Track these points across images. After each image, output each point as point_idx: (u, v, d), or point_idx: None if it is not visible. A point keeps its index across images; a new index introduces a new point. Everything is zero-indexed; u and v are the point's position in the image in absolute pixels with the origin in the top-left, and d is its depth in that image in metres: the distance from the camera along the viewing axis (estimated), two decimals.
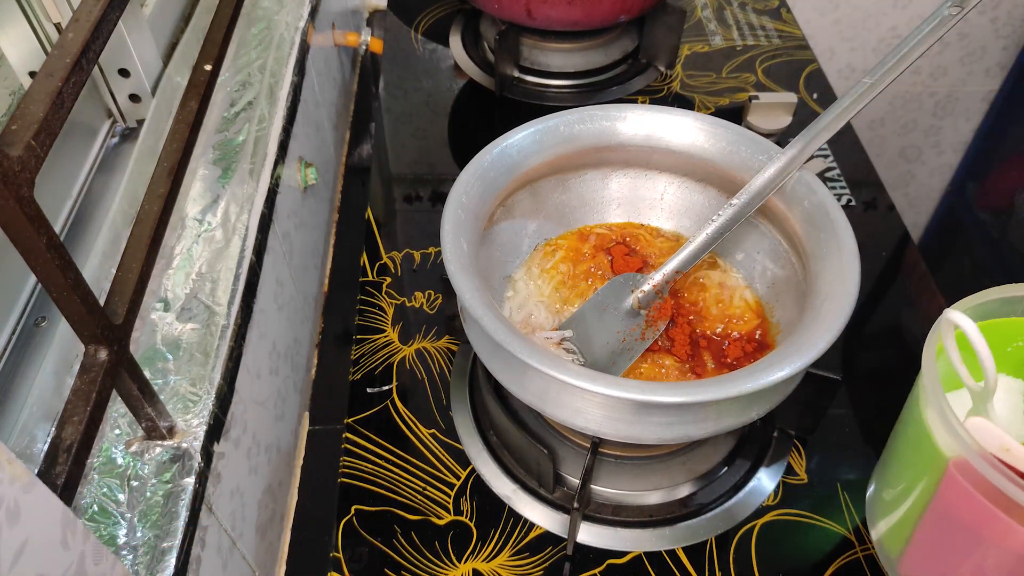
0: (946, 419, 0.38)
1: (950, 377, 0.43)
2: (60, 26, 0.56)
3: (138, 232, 0.42)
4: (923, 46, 0.51)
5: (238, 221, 0.54)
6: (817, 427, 0.61)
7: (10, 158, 0.30)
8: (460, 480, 0.60)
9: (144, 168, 0.58)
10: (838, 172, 0.84)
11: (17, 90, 0.57)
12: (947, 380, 0.45)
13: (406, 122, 0.92)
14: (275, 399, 0.59)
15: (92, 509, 0.40)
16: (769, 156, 0.57)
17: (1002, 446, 0.37)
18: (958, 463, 0.37)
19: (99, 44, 0.38)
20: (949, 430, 0.37)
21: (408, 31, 1.04)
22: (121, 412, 0.44)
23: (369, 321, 0.71)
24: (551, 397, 0.50)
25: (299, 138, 0.70)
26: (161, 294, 0.50)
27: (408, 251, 0.77)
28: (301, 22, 0.72)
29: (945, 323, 0.41)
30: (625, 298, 0.58)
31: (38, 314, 0.51)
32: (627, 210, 0.67)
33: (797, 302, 0.57)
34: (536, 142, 0.60)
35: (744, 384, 0.45)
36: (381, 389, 0.66)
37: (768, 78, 0.96)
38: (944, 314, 0.41)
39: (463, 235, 0.53)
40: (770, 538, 0.57)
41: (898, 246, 0.78)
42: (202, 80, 0.52)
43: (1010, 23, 1.41)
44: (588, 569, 0.55)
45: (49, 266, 0.32)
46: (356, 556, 0.56)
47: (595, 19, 0.87)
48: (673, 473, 0.59)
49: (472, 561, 0.56)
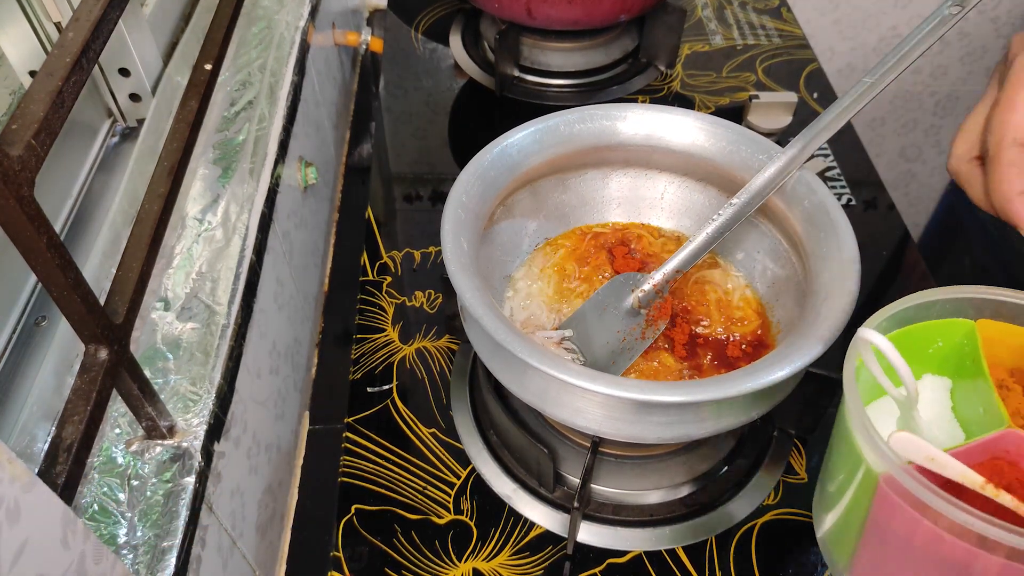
0: (870, 437, 0.38)
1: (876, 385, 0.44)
2: (60, 25, 0.56)
3: (138, 231, 0.42)
4: (923, 45, 0.51)
5: (238, 220, 0.54)
6: (817, 426, 0.61)
7: (10, 157, 0.30)
8: (460, 479, 0.60)
9: (144, 167, 0.58)
10: (838, 171, 0.83)
11: (17, 89, 0.57)
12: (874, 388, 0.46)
13: (406, 122, 0.92)
14: (275, 398, 0.59)
15: (92, 508, 0.40)
16: (769, 155, 0.57)
17: (927, 456, 0.38)
18: (887, 478, 0.38)
19: (99, 43, 0.38)
20: (874, 447, 0.38)
21: (408, 30, 1.04)
22: (121, 411, 0.44)
23: (369, 320, 0.71)
24: (551, 397, 0.50)
25: (299, 137, 0.70)
26: (161, 293, 0.50)
27: (408, 250, 0.77)
28: (301, 21, 0.72)
29: (861, 341, 0.42)
30: (625, 297, 0.58)
31: (38, 313, 0.51)
32: (627, 210, 0.67)
33: (797, 301, 0.57)
34: (536, 141, 0.60)
35: (744, 384, 0.45)
36: (381, 388, 0.66)
37: (768, 77, 0.96)
38: (859, 332, 0.42)
39: (463, 234, 0.53)
40: (770, 537, 0.57)
41: (898, 246, 0.78)
42: (202, 79, 0.52)
43: (1010, 22, 1.41)
44: (588, 568, 0.55)
45: (49, 265, 0.32)
46: (356, 555, 0.56)
47: (595, 18, 0.87)
48: (673, 472, 0.59)
49: (472, 560, 0.56)
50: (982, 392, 0.43)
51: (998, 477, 0.39)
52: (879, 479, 0.39)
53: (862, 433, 0.39)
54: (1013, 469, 0.40)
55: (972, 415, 0.45)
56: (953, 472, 0.38)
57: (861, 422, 0.39)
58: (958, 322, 0.45)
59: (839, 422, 0.44)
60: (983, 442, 0.40)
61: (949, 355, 0.46)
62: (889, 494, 0.38)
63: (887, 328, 0.44)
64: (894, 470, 0.37)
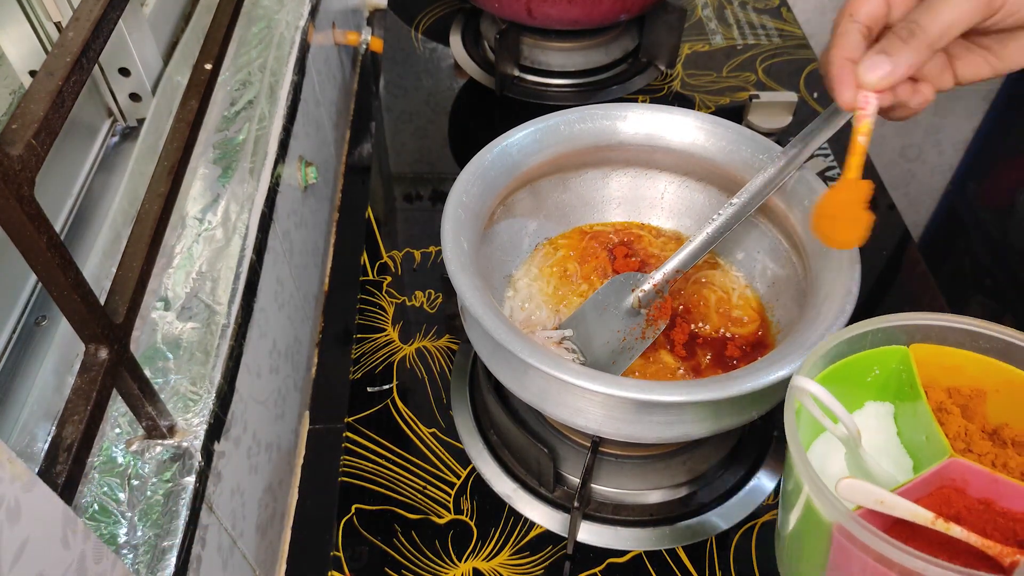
0: (817, 488, 0.39)
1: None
2: (60, 25, 0.56)
3: (138, 231, 0.42)
4: None
5: (238, 220, 0.54)
6: None
7: (11, 157, 0.30)
8: (460, 479, 0.60)
9: (144, 167, 0.58)
10: (839, 171, 0.83)
11: (17, 89, 0.57)
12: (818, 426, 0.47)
13: (406, 121, 0.92)
14: (275, 398, 0.59)
15: (92, 508, 0.40)
16: (770, 155, 0.57)
17: (876, 500, 0.38)
18: (840, 528, 0.38)
19: (99, 43, 0.38)
20: (822, 498, 0.39)
21: (408, 30, 1.04)
22: (121, 411, 0.44)
23: (369, 320, 0.71)
24: (551, 396, 0.50)
25: (299, 137, 0.70)
26: (161, 293, 0.50)
27: (408, 250, 0.77)
28: (301, 21, 0.72)
29: (797, 390, 0.42)
30: (625, 297, 0.58)
31: (38, 313, 0.51)
32: (627, 209, 0.67)
33: (797, 301, 0.57)
34: (536, 141, 0.60)
35: (744, 383, 0.45)
36: (381, 388, 0.66)
37: (768, 77, 0.96)
38: (793, 381, 0.42)
39: (463, 234, 0.53)
40: (770, 537, 0.57)
41: (898, 245, 0.78)
42: (202, 79, 0.52)
43: None
44: (588, 568, 0.55)
45: (49, 265, 0.32)
46: (356, 555, 0.56)
47: (595, 18, 0.87)
48: (673, 472, 0.59)
49: (472, 560, 0.56)
50: (922, 417, 0.44)
51: (947, 507, 0.40)
52: (832, 528, 0.39)
53: (809, 484, 0.39)
54: (960, 496, 0.41)
55: (917, 440, 0.45)
56: (903, 512, 0.38)
57: (808, 474, 0.39)
58: (892, 349, 0.46)
59: (787, 471, 0.45)
60: (928, 475, 0.41)
61: (888, 381, 0.47)
62: (844, 543, 0.38)
63: (822, 365, 0.45)
64: (843, 520, 0.37)
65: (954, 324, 0.45)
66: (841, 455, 0.46)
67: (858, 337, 0.45)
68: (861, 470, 0.45)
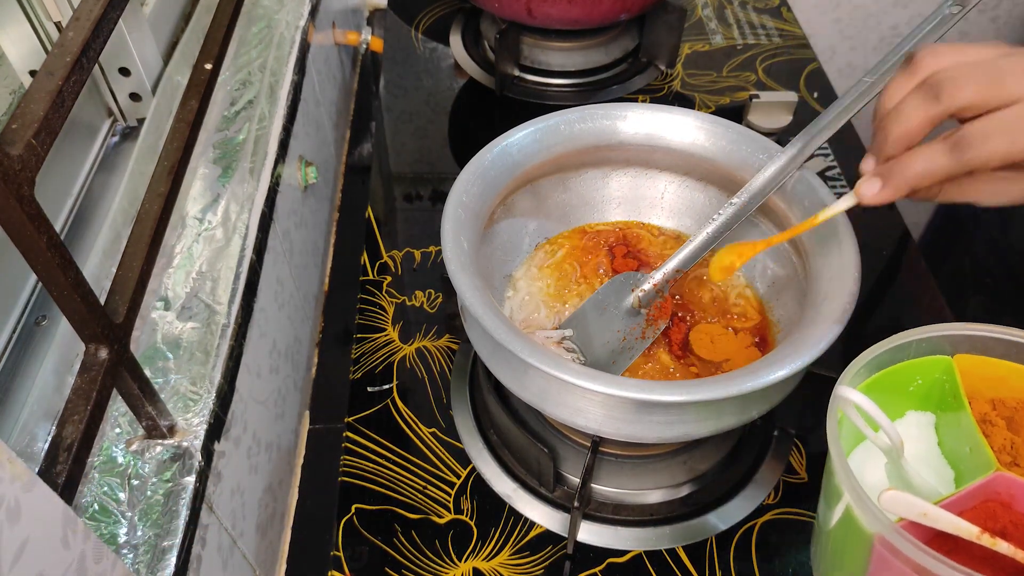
0: (860, 499, 0.39)
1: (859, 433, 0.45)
2: (60, 25, 0.56)
3: (138, 231, 0.42)
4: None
5: (238, 220, 0.54)
6: (817, 426, 0.61)
7: (11, 157, 0.30)
8: (460, 479, 0.60)
9: (144, 167, 0.58)
10: (839, 171, 0.83)
11: (17, 89, 0.57)
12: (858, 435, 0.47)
13: (406, 121, 0.92)
14: (275, 398, 0.59)
15: (93, 508, 0.40)
16: (770, 155, 0.57)
17: (919, 512, 0.38)
18: (882, 539, 0.38)
19: (99, 43, 0.38)
20: (864, 509, 0.38)
21: (408, 30, 1.04)
22: (122, 411, 0.44)
23: (369, 320, 0.71)
24: (551, 396, 0.50)
25: (299, 137, 0.70)
26: (161, 293, 0.50)
27: (408, 250, 0.77)
28: (301, 21, 0.72)
29: (841, 400, 0.42)
30: (625, 297, 0.58)
31: (38, 313, 0.51)
32: (628, 209, 0.67)
33: (797, 301, 0.57)
34: (536, 141, 0.60)
35: (744, 383, 0.45)
36: (381, 388, 0.66)
37: (769, 77, 0.96)
38: (836, 390, 0.42)
39: (463, 234, 0.53)
40: (770, 537, 0.57)
41: (899, 245, 0.78)
42: (202, 79, 0.52)
43: (1010, 22, 1.41)
44: (588, 568, 0.55)
45: (49, 265, 0.32)
46: (357, 555, 0.56)
47: (595, 18, 0.87)
48: (673, 472, 0.59)
49: (472, 560, 0.56)
50: (966, 427, 0.43)
51: (992, 521, 0.40)
52: (874, 539, 0.39)
53: (852, 494, 0.39)
54: (1007, 511, 0.40)
55: (959, 451, 0.45)
56: (947, 525, 0.38)
57: (850, 484, 0.39)
58: (935, 359, 0.46)
59: (828, 478, 0.44)
60: (973, 488, 0.40)
61: (931, 391, 0.47)
62: (885, 554, 0.38)
63: (865, 374, 0.45)
64: (886, 532, 0.37)
65: (999, 335, 0.45)
66: (880, 463, 0.46)
67: (902, 347, 0.45)
68: (902, 480, 0.44)
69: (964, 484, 0.41)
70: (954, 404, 0.45)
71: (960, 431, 0.44)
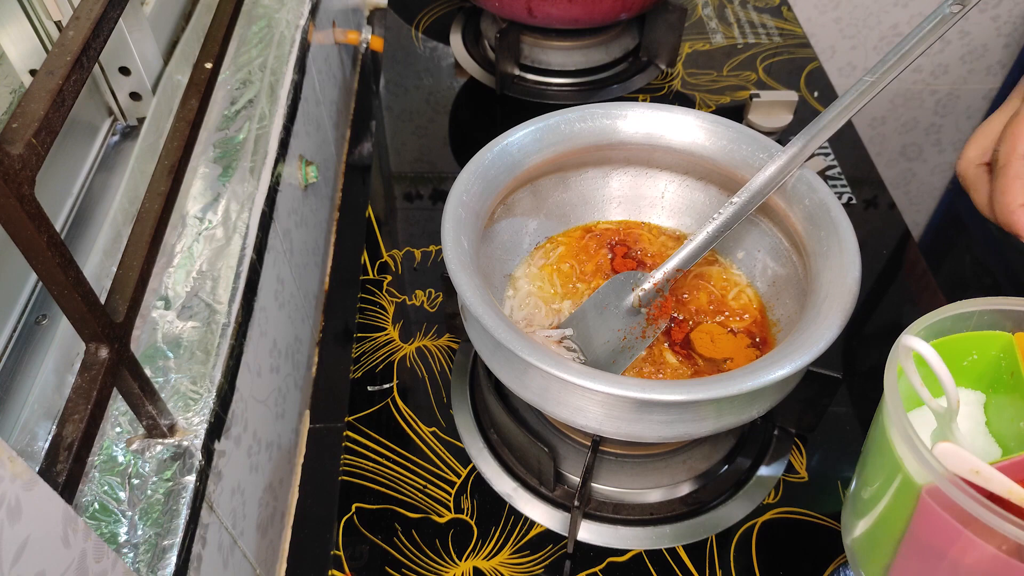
0: (914, 447, 0.38)
1: (911, 396, 0.44)
2: (61, 24, 0.56)
3: (139, 230, 0.42)
4: (924, 44, 0.51)
5: (239, 219, 0.54)
6: (818, 425, 0.61)
7: (11, 156, 0.30)
8: (461, 478, 0.60)
9: (145, 166, 0.58)
10: (839, 170, 0.83)
11: (18, 88, 0.57)
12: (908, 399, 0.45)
13: (407, 120, 0.92)
14: (276, 397, 0.59)
15: (93, 507, 0.40)
16: (770, 154, 0.57)
17: (972, 469, 0.37)
18: (930, 490, 0.37)
19: (100, 42, 0.38)
20: (919, 457, 0.37)
21: (409, 29, 1.04)
22: (122, 410, 0.44)
23: (370, 319, 0.71)
24: (552, 395, 0.50)
25: (300, 136, 0.70)
26: (162, 292, 0.50)
27: (409, 249, 0.77)
28: (302, 20, 0.72)
29: (903, 348, 0.41)
30: (626, 296, 0.58)
31: (39, 312, 0.51)
32: (628, 208, 0.67)
33: (798, 300, 0.57)
34: (537, 140, 0.60)
35: (744, 382, 0.45)
36: (382, 387, 0.66)
37: (769, 76, 0.96)
38: (901, 339, 0.41)
39: (464, 233, 0.53)
40: (771, 536, 0.57)
41: (899, 244, 0.78)
42: (203, 78, 0.52)
43: (1011, 21, 1.41)
44: (589, 567, 0.55)
45: (50, 264, 0.32)
46: (357, 554, 0.56)
47: (596, 17, 0.87)
48: (674, 471, 0.59)
49: (473, 559, 0.56)
50: (1021, 406, 0.42)
51: None
52: (921, 491, 0.38)
53: (906, 442, 0.38)
54: None
55: (1010, 430, 0.44)
56: (999, 486, 0.37)
57: (905, 431, 0.38)
58: (995, 334, 0.44)
59: (876, 430, 0.43)
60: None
61: (985, 369, 0.46)
62: (933, 506, 0.37)
63: (925, 337, 0.43)
64: (940, 482, 0.36)
65: None
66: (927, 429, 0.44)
67: (964, 316, 0.43)
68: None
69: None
70: (1011, 383, 0.43)
71: (1014, 410, 0.43)
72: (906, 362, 0.41)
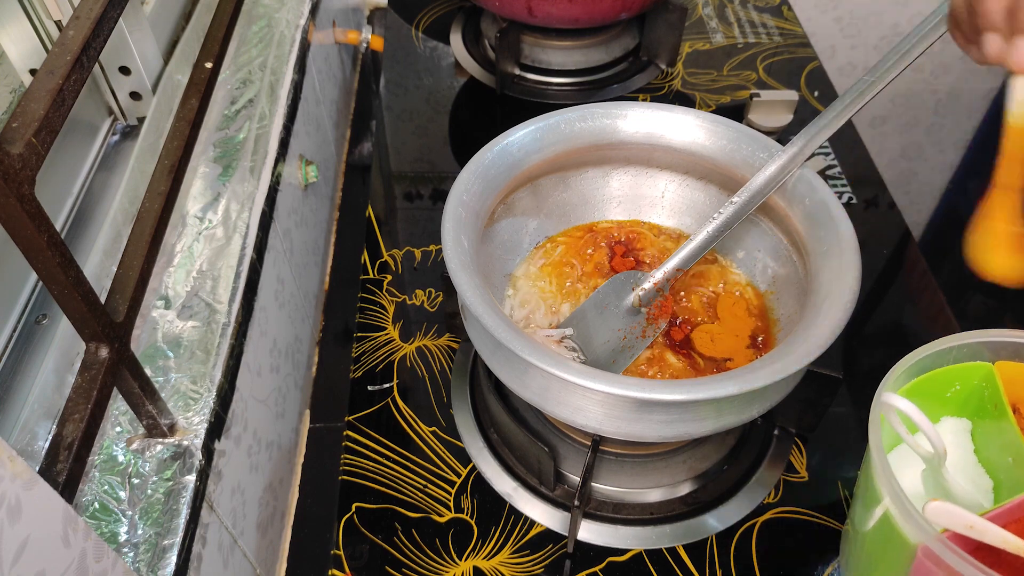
0: (904, 509, 0.38)
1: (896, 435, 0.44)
2: (61, 24, 0.56)
3: (139, 230, 0.42)
4: (924, 43, 0.51)
5: (239, 219, 0.54)
6: (818, 425, 0.61)
7: (11, 156, 0.30)
8: (461, 478, 0.60)
9: (145, 166, 0.58)
10: (839, 170, 0.83)
11: (18, 88, 0.57)
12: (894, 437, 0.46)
13: (407, 120, 0.92)
14: (276, 397, 0.59)
15: (93, 506, 0.40)
16: (770, 154, 0.57)
17: (966, 525, 0.38)
18: (926, 550, 0.38)
19: (100, 42, 0.38)
20: (910, 520, 0.38)
21: (409, 29, 1.04)
22: (122, 410, 0.44)
23: (370, 319, 0.71)
24: (552, 395, 0.50)
25: (300, 136, 0.70)
26: (162, 292, 0.50)
27: (409, 249, 0.77)
28: (302, 20, 0.72)
29: (884, 406, 0.42)
30: (626, 296, 0.58)
31: (39, 312, 0.51)
32: (628, 208, 0.67)
33: (798, 300, 0.57)
34: (537, 140, 0.60)
35: (745, 382, 0.45)
36: (382, 387, 0.66)
37: (769, 76, 0.96)
38: (881, 398, 0.42)
39: (464, 233, 0.53)
40: (771, 536, 0.57)
41: (899, 244, 0.78)
42: (203, 78, 0.52)
43: None
44: (589, 567, 0.55)
45: (50, 264, 0.32)
46: (357, 553, 0.56)
47: (596, 17, 0.87)
48: (674, 471, 0.59)
49: (473, 559, 0.56)
50: (1007, 436, 0.43)
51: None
52: (917, 550, 0.38)
53: (896, 505, 0.38)
54: None
55: (999, 460, 0.44)
56: (993, 538, 0.37)
57: (894, 494, 0.38)
58: (975, 365, 0.46)
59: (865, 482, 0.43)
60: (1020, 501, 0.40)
61: (968, 398, 0.47)
62: (928, 565, 0.37)
63: (905, 380, 0.44)
64: (931, 542, 0.36)
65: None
66: (916, 467, 0.45)
67: (943, 352, 0.45)
68: (940, 488, 0.44)
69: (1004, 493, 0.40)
70: (994, 412, 0.44)
71: (1003, 440, 0.44)
72: (891, 417, 0.42)
